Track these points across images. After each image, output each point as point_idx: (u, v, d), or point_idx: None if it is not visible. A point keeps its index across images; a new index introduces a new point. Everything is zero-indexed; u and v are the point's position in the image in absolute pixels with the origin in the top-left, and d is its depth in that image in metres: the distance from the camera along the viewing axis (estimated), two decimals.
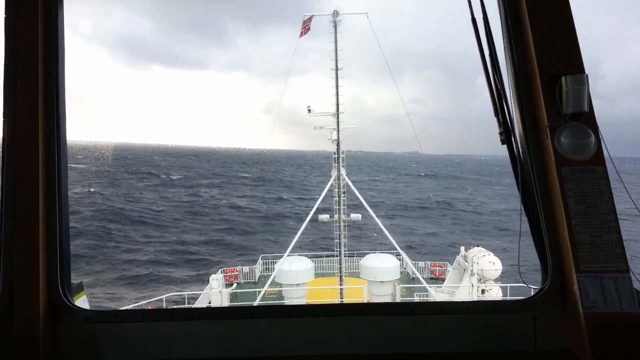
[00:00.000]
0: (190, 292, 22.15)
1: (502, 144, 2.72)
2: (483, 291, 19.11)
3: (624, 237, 2.39)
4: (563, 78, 2.44)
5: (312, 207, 22.02)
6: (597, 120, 2.48)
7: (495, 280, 19.70)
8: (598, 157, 2.45)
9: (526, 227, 2.63)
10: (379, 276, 20.54)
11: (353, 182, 22.93)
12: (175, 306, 20.14)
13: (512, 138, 2.68)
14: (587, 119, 2.47)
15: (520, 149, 2.67)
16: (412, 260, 24.06)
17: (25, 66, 2.62)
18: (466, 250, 21.80)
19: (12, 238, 2.54)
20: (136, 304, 21.68)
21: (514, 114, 2.68)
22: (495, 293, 19.00)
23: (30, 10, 2.64)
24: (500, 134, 2.70)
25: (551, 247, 2.48)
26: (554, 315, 2.49)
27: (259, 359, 2.62)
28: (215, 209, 65.31)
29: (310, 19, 22.06)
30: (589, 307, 2.28)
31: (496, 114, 2.69)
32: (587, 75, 2.44)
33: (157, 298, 21.28)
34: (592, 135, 2.44)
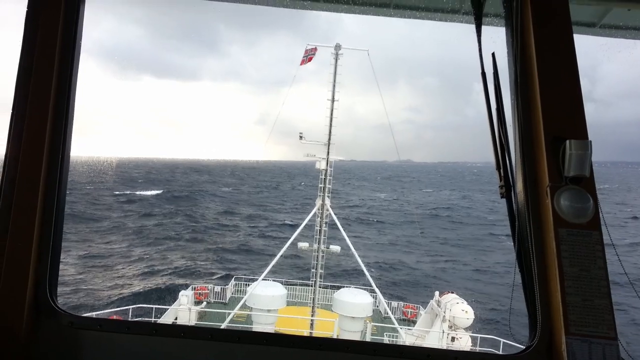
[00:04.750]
0: (158, 306, 21.63)
1: (502, 197, 2.77)
2: (453, 339, 19.00)
3: None
4: (567, 142, 2.52)
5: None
6: (596, 126, 2.54)
7: (466, 329, 19.63)
8: (595, 223, 2.50)
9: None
10: (351, 312, 20.32)
11: None
12: (159, 321, 19.63)
13: (512, 193, 2.73)
14: (587, 184, 2.53)
15: (519, 204, 2.71)
16: (385, 299, 23.90)
17: (40, 79, 2.65)
18: (440, 295, 21.77)
19: (6, 233, 2.52)
20: (99, 312, 21.10)
21: (516, 170, 2.74)
22: (465, 342, 18.91)
23: (51, 21, 2.69)
24: (501, 187, 2.75)
25: (542, 305, 2.50)
26: None
27: None
28: None
29: (313, 50, 22.41)
30: None
31: (498, 168, 2.75)
32: (590, 142, 2.52)
33: (122, 308, 20.76)
34: (591, 200, 2.51)
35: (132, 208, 75.41)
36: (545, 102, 2.64)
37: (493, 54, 2.80)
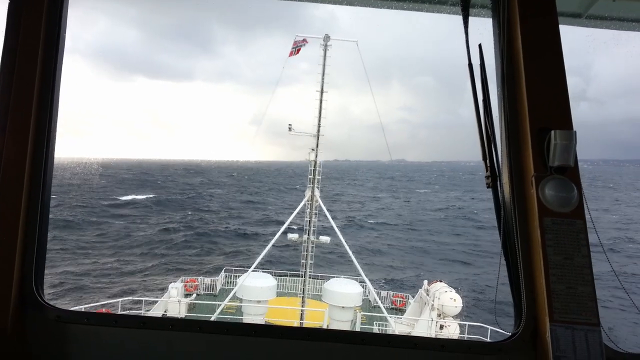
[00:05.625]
0: (147, 298, 21.58)
1: (487, 187, 2.82)
2: (442, 327, 19.24)
3: None
4: (552, 132, 2.56)
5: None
6: (588, 125, 2.60)
7: (455, 317, 19.89)
8: (579, 212, 2.56)
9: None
10: (340, 301, 20.46)
11: None
12: (149, 314, 19.53)
13: (498, 183, 2.78)
14: (571, 174, 2.59)
15: (504, 194, 2.76)
16: (375, 288, 24.07)
17: (22, 72, 2.63)
18: (429, 284, 21.98)
19: None
20: (88, 306, 20.98)
21: (502, 160, 2.78)
22: (453, 330, 19.16)
23: (33, 16, 2.66)
24: (487, 177, 2.80)
25: (527, 293, 2.56)
26: None
27: None
28: None
29: (302, 41, 22.28)
30: (558, 356, 2.35)
31: (484, 158, 2.79)
32: (575, 132, 2.57)
33: (111, 301, 20.69)
34: (575, 190, 2.56)
35: (123, 213, 68.12)
36: (531, 93, 2.67)
37: (480, 45, 2.83)
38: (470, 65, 2.81)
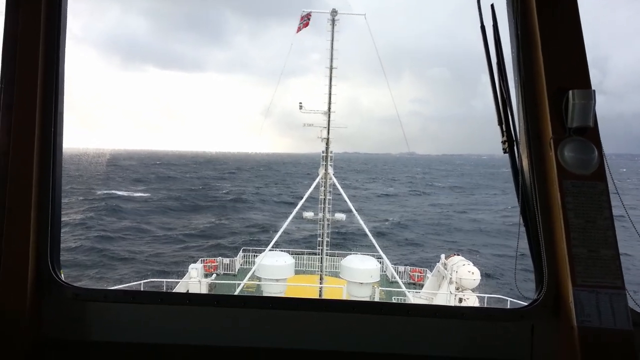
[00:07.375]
0: (169, 280, 21.95)
1: (504, 152, 2.73)
2: (460, 300, 19.26)
3: None
4: (570, 92, 2.46)
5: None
6: (603, 125, 2.50)
7: (473, 290, 19.87)
8: (600, 173, 2.47)
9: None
10: (358, 277, 20.59)
11: None
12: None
13: (515, 148, 2.69)
14: (591, 135, 2.49)
15: (522, 159, 2.68)
16: (392, 263, 24.13)
17: (25, 64, 2.60)
18: (446, 258, 21.94)
19: (3, 209, 2.50)
20: (110, 289, 21.34)
21: (518, 124, 2.69)
22: (472, 302, 19.16)
23: (33, 6, 2.61)
24: (503, 142, 2.71)
25: (548, 259, 2.49)
26: (547, 326, 2.50)
27: (251, 349, 2.61)
28: None
29: (308, 15, 21.99)
30: (582, 321, 2.29)
31: (500, 123, 2.70)
32: (594, 91, 2.45)
33: (134, 283, 21.10)
34: (596, 151, 2.46)
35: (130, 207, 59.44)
36: (547, 52, 2.56)
37: (492, 6, 2.71)
38: (482, 27, 2.70)
